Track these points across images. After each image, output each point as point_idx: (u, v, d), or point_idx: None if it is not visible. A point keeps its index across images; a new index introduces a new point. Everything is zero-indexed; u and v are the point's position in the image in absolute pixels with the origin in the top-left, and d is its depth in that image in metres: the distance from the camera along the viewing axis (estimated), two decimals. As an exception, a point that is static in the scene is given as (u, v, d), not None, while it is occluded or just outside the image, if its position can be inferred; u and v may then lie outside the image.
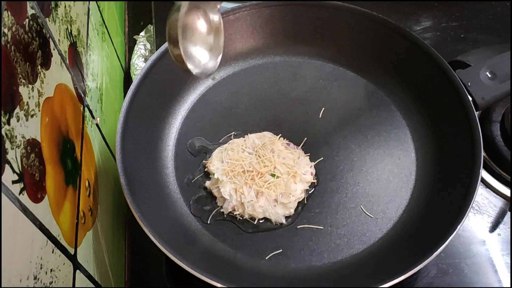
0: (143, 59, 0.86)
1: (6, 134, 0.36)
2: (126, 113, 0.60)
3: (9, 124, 0.36)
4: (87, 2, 0.67)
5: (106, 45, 0.76)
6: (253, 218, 0.60)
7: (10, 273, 0.34)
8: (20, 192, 0.37)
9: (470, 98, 0.62)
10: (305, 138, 0.67)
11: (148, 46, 0.88)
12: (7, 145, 0.36)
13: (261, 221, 0.60)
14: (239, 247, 0.58)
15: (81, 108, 0.57)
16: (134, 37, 0.90)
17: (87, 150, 0.58)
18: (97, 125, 0.64)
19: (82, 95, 0.58)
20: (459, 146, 0.61)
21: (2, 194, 0.34)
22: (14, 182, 0.36)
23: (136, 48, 0.87)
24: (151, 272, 0.65)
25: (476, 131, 0.59)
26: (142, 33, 0.90)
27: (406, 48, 0.69)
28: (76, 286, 0.46)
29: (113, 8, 0.87)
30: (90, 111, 0.61)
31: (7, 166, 0.35)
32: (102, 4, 0.77)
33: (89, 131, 0.60)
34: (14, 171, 0.36)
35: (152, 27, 0.87)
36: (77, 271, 0.48)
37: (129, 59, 0.88)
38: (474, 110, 0.61)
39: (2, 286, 0.32)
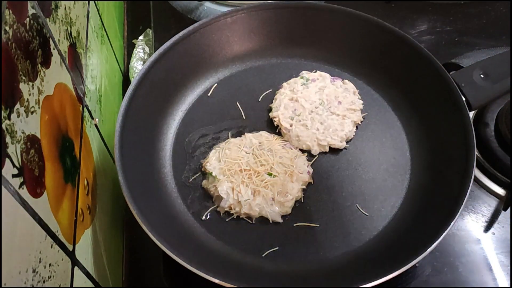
0: (141, 63, 0.87)
1: (6, 128, 0.36)
2: (124, 113, 0.61)
3: (9, 119, 0.37)
4: (87, 5, 0.68)
5: (105, 48, 0.77)
6: (249, 217, 0.61)
7: (10, 264, 0.34)
8: (20, 186, 0.38)
9: (464, 99, 0.62)
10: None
11: (147, 49, 0.89)
12: (8, 139, 0.37)
13: (257, 220, 0.61)
14: (235, 244, 0.59)
15: (80, 108, 0.58)
16: (133, 41, 0.91)
17: (86, 149, 0.58)
18: (96, 125, 0.64)
19: (81, 96, 0.59)
20: (453, 145, 0.62)
21: (2, 187, 0.34)
22: (14, 176, 0.37)
23: (135, 51, 0.89)
24: (148, 272, 0.65)
25: (470, 130, 0.60)
26: (141, 37, 0.91)
27: (401, 50, 0.70)
28: (74, 282, 0.47)
29: (112, 12, 0.89)
30: (89, 112, 0.62)
31: (7, 160, 0.36)
32: (102, 8, 0.78)
33: (88, 131, 0.60)
34: (14, 165, 0.37)
35: (150, 31, 0.88)
36: (75, 267, 0.48)
37: (128, 63, 0.89)
38: (468, 110, 0.62)
39: (2, 277, 0.33)
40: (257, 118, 0.70)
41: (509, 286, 0.60)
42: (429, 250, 0.51)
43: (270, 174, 0.61)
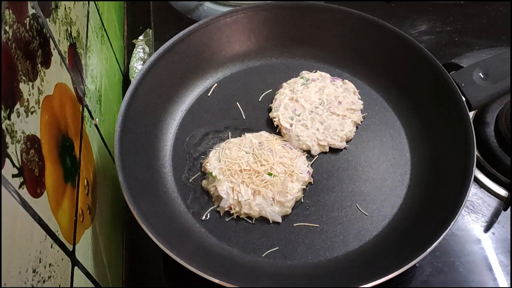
0: (141, 63, 0.87)
1: (6, 128, 0.36)
2: (124, 113, 0.61)
3: (9, 119, 0.37)
4: (87, 5, 0.68)
5: (105, 48, 0.77)
6: (249, 217, 0.61)
7: (10, 264, 0.34)
8: (20, 186, 0.38)
9: (464, 99, 0.62)
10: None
11: (147, 49, 0.89)
12: (8, 139, 0.37)
13: (257, 220, 0.61)
14: (235, 244, 0.59)
15: (80, 108, 0.58)
16: (133, 41, 0.91)
17: (86, 149, 0.58)
18: (95, 125, 0.64)
19: (81, 96, 0.59)
20: (453, 145, 0.62)
21: (2, 187, 0.34)
22: (14, 176, 0.37)
23: (135, 51, 0.88)
24: (148, 272, 0.65)
25: (470, 130, 0.60)
26: (141, 37, 0.91)
27: (401, 50, 0.70)
28: (74, 282, 0.47)
29: (112, 12, 0.89)
30: (89, 112, 0.62)
31: (7, 160, 0.36)
32: (102, 8, 0.78)
33: (88, 131, 0.60)
34: (14, 165, 0.37)
35: (150, 31, 0.88)
36: (75, 267, 0.48)
37: (128, 63, 0.89)
38: (468, 110, 0.62)
39: (2, 277, 0.33)
40: (257, 118, 0.70)
41: (509, 286, 0.60)
42: (429, 250, 0.51)
43: (270, 174, 0.61)
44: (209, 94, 0.73)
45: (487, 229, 0.65)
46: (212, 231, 0.60)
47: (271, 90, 0.73)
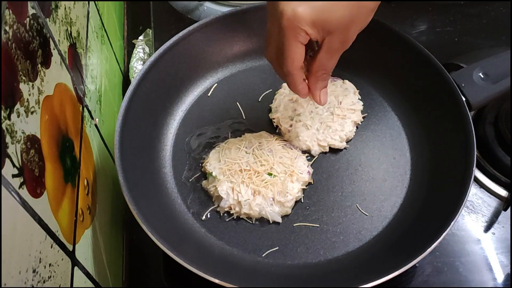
0: (142, 63, 0.87)
1: (6, 128, 0.36)
2: (124, 112, 0.61)
3: (9, 119, 0.37)
4: (87, 5, 0.68)
5: (105, 48, 0.77)
6: (249, 217, 0.61)
7: (10, 264, 0.34)
8: (20, 186, 0.38)
9: (464, 99, 0.62)
10: (302, 138, 0.68)
11: (147, 49, 0.89)
12: (8, 139, 0.37)
13: (257, 220, 0.61)
14: (235, 244, 0.59)
15: (80, 108, 0.58)
16: (133, 41, 0.91)
17: (86, 149, 0.58)
18: (96, 125, 0.65)
19: (81, 96, 0.59)
20: (453, 145, 0.61)
21: (2, 187, 0.34)
22: (14, 176, 0.37)
23: (135, 51, 0.88)
24: (149, 272, 0.65)
25: (470, 130, 0.60)
26: (141, 37, 0.91)
27: (401, 50, 0.70)
28: (74, 282, 0.47)
29: (112, 12, 0.89)
30: (89, 112, 0.62)
31: (7, 160, 0.36)
32: (102, 8, 0.78)
33: (88, 131, 0.60)
34: (14, 165, 0.37)
35: (150, 31, 0.88)
36: (75, 267, 0.48)
37: (128, 63, 0.89)
38: (468, 110, 0.62)
39: (2, 277, 0.33)
40: (257, 118, 0.70)
41: (510, 286, 0.60)
42: (429, 250, 0.51)
43: (270, 174, 0.61)
44: (209, 94, 0.73)
45: (487, 229, 0.65)
46: (212, 231, 0.60)
47: (271, 90, 0.73)
